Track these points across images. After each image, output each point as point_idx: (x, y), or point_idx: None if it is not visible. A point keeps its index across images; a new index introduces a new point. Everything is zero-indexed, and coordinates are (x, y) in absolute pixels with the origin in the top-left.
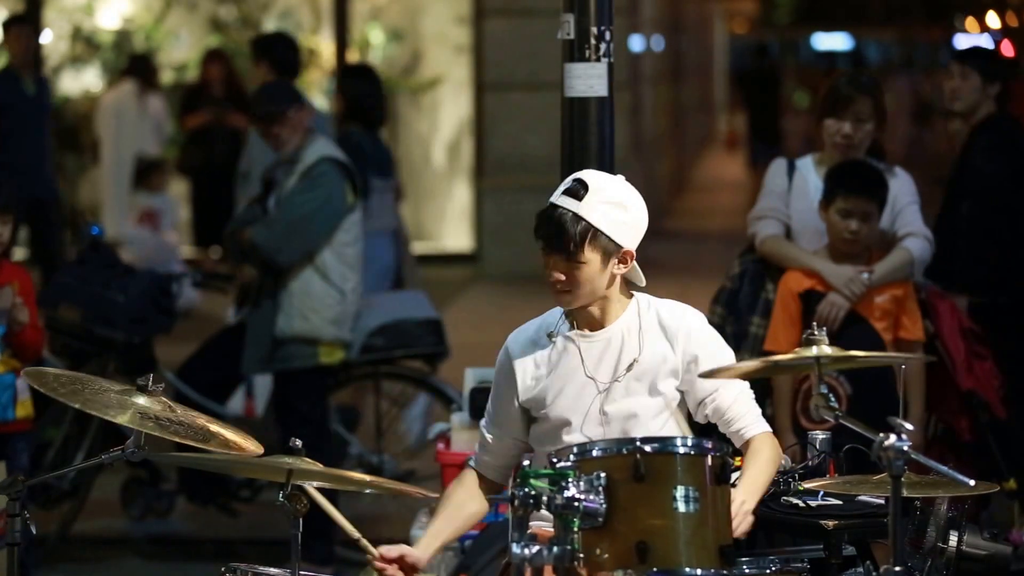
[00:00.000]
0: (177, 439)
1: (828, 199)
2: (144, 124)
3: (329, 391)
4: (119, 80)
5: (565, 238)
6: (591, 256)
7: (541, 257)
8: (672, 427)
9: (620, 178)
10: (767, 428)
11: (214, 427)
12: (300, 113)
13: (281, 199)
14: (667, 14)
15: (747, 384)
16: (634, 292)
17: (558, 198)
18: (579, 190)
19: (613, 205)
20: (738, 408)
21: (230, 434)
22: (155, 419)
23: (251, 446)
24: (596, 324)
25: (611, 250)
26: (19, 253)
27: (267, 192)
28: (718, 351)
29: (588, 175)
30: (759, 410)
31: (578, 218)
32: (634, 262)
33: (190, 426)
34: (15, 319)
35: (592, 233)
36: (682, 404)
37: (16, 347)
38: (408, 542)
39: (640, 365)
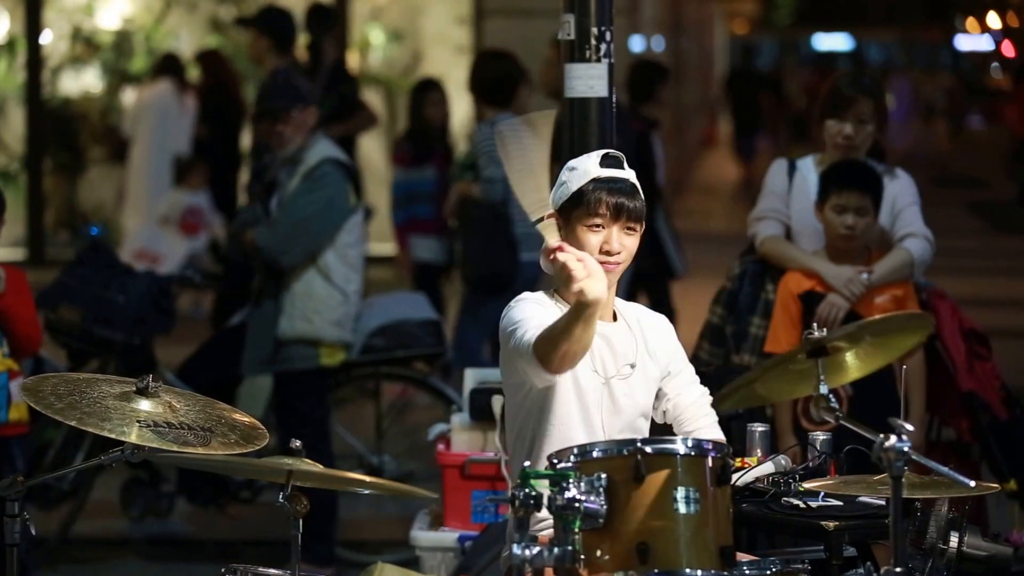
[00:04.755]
0: (176, 448)
1: (823, 198)
2: (183, 123)
3: (329, 391)
4: (152, 80)
5: (634, 199)
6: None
7: (588, 232)
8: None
9: None
10: (720, 434)
11: (218, 408)
12: (303, 112)
13: (283, 200)
14: (667, 14)
15: (706, 389)
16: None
17: (602, 171)
18: (620, 161)
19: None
20: (695, 410)
21: (239, 416)
22: (154, 426)
23: (257, 427)
24: (603, 315)
25: (639, 228)
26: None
27: (269, 193)
28: (685, 360)
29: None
30: (715, 417)
31: (629, 183)
32: None
33: (191, 427)
34: None
35: (639, 199)
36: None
37: (5, 328)
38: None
39: (636, 366)
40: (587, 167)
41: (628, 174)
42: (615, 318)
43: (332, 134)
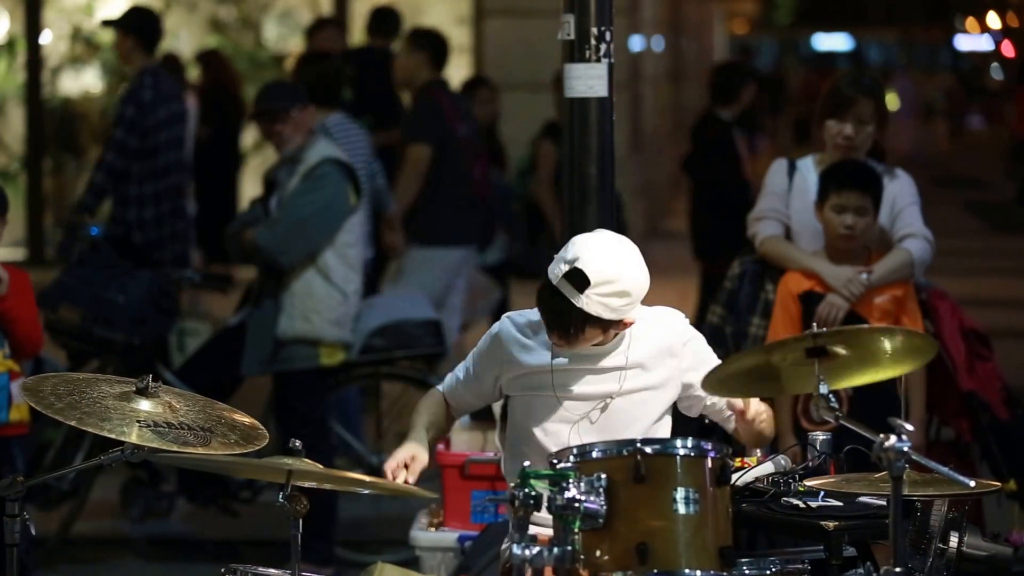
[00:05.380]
0: (176, 448)
1: (822, 198)
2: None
3: (329, 391)
4: None
5: (564, 327)
6: (591, 334)
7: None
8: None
9: (614, 248)
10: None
11: (218, 408)
12: (303, 112)
13: (283, 200)
14: (667, 14)
15: None
16: None
17: (559, 281)
18: (580, 282)
19: (613, 296)
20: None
21: (239, 416)
22: (154, 426)
23: (256, 428)
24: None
25: (612, 325)
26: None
27: (269, 192)
28: (707, 351)
29: (590, 261)
30: None
31: (577, 310)
32: None
33: (190, 427)
34: None
35: (592, 321)
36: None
37: (7, 330)
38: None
39: (623, 390)
40: (559, 265)
41: (579, 298)
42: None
43: (375, 143)
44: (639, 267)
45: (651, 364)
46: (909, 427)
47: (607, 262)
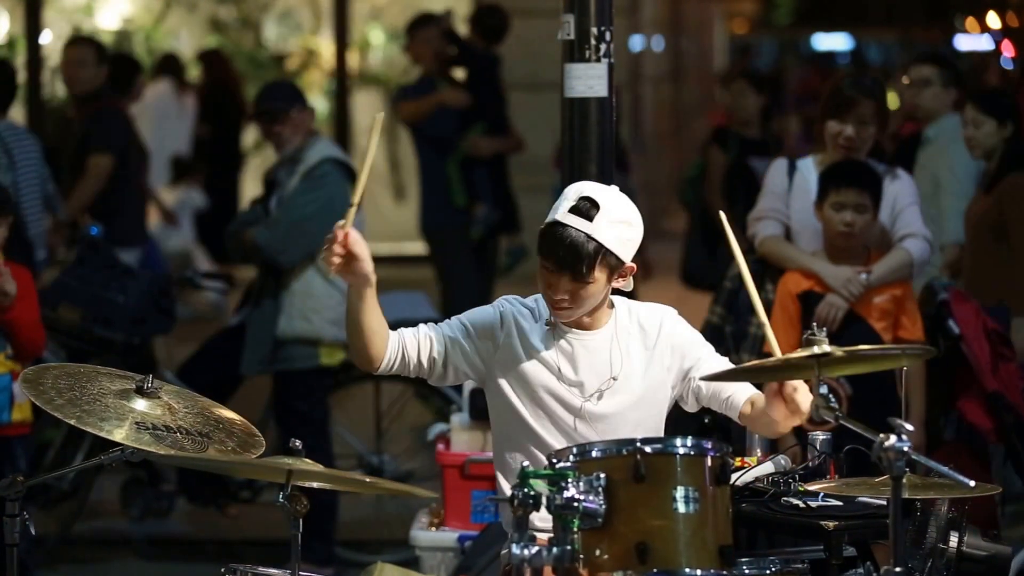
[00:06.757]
0: (173, 452)
1: (821, 197)
2: (182, 123)
3: (329, 391)
4: (152, 80)
5: (577, 259)
6: (599, 275)
7: (542, 270)
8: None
9: (615, 190)
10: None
11: (217, 411)
12: (302, 113)
13: (283, 200)
14: (667, 14)
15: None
16: (613, 297)
17: (565, 216)
18: (589, 209)
19: (621, 224)
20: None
21: (237, 416)
22: (152, 428)
23: (254, 435)
24: (583, 326)
25: (616, 267)
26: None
27: (269, 192)
28: (700, 343)
29: (594, 192)
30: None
31: (590, 239)
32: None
33: (188, 431)
34: (2, 290)
35: (603, 253)
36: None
37: (10, 334)
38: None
39: (619, 380)
40: (561, 204)
41: (590, 227)
42: (587, 328)
43: (484, 151)
44: (634, 206)
45: (643, 360)
46: (909, 427)
47: (607, 191)
